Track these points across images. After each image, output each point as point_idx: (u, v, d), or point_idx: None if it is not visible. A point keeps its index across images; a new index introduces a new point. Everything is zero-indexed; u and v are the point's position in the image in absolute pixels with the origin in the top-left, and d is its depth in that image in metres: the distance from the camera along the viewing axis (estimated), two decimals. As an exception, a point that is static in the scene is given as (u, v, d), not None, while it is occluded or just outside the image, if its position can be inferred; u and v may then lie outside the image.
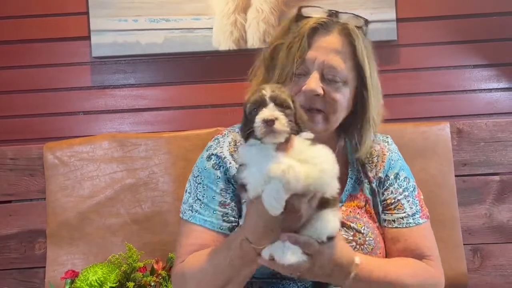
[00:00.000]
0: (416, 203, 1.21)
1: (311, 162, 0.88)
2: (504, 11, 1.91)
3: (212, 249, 1.06)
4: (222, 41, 1.86)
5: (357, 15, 1.16)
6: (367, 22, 1.17)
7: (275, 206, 0.86)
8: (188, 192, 1.17)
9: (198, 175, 1.16)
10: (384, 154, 1.23)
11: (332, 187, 0.94)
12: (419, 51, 1.92)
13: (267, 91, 0.90)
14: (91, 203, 1.76)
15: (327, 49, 1.09)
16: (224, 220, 1.12)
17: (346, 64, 1.11)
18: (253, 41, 1.86)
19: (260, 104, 0.89)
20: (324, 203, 0.95)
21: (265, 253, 0.94)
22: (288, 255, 0.91)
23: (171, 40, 1.86)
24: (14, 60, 1.90)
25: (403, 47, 1.92)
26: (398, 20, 1.88)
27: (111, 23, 1.86)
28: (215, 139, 1.19)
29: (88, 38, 1.88)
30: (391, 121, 1.87)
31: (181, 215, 1.17)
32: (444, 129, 1.80)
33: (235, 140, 1.16)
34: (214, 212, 1.12)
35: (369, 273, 1.04)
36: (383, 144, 1.25)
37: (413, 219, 1.19)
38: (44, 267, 1.73)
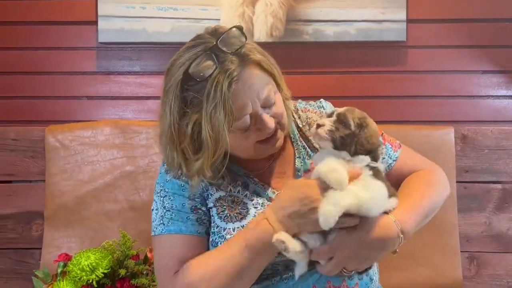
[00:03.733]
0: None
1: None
2: (517, 17, 1.88)
3: (218, 247, 1.05)
4: (229, 33, 1.85)
5: (237, 27, 1.02)
6: (240, 27, 1.04)
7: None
8: (156, 209, 1.12)
9: (162, 189, 1.12)
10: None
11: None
12: (428, 53, 1.89)
13: (341, 109, 1.03)
14: (90, 188, 1.76)
15: (253, 89, 1.01)
16: (199, 224, 1.09)
17: (268, 81, 1.06)
18: (259, 34, 1.84)
19: (330, 115, 1.04)
20: None
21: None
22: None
23: (178, 29, 1.85)
24: (21, 41, 1.90)
25: (412, 48, 1.89)
26: (409, 21, 1.85)
27: (119, 9, 1.85)
28: None
29: (95, 23, 1.87)
30: (394, 123, 1.87)
31: (152, 233, 1.11)
32: (448, 134, 1.78)
33: None
34: (188, 218, 1.09)
35: (410, 218, 1.03)
36: (319, 111, 1.22)
37: (390, 158, 1.20)
38: (40, 248, 1.75)
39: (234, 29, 1.02)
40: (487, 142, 1.82)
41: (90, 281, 1.37)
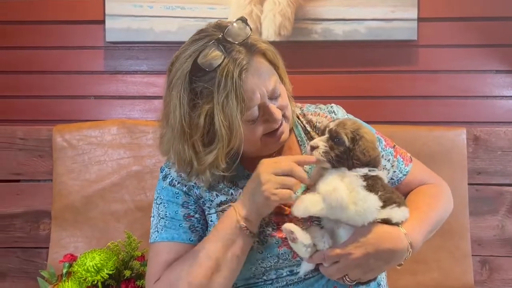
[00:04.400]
0: (391, 153, 1.18)
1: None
2: (532, 15, 1.83)
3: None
4: (237, 32, 1.83)
5: (241, 20, 1.02)
6: (244, 19, 1.04)
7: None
8: (152, 217, 1.13)
9: (158, 196, 1.13)
10: None
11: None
12: (439, 52, 1.85)
13: (332, 124, 1.00)
14: (97, 188, 1.76)
15: (261, 79, 1.00)
16: (192, 231, 1.09)
17: (273, 72, 1.05)
18: (268, 33, 1.82)
19: (322, 132, 1.01)
20: None
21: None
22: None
23: (185, 28, 1.83)
24: (29, 41, 1.90)
25: (423, 47, 1.85)
26: (420, 19, 1.81)
27: (126, 8, 1.84)
28: (167, 160, 1.14)
29: (102, 22, 1.87)
30: (405, 124, 1.83)
31: (149, 241, 1.12)
32: (460, 135, 1.74)
33: None
34: (180, 225, 1.09)
35: (419, 231, 1.02)
36: (330, 116, 1.18)
37: (400, 172, 1.18)
38: (47, 248, 1.75)
39: (238, 21, 1.01)
40: (500, 144, 1.78)
41: (95, 282, 1.36)
